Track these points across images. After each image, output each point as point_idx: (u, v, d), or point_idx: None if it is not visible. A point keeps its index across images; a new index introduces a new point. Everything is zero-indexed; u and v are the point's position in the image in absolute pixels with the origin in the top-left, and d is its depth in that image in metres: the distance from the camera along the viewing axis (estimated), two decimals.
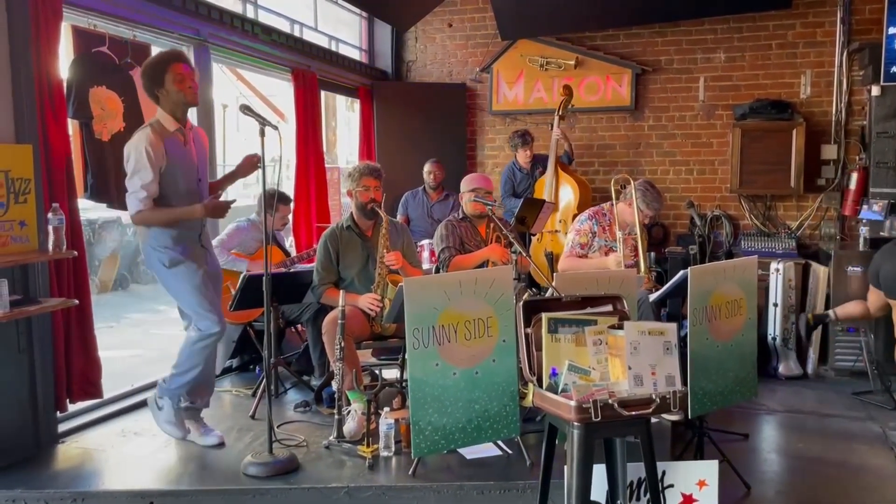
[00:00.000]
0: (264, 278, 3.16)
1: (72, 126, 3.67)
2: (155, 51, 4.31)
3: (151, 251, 3.37)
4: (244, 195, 8.91)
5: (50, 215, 3.16)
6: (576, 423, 2.45)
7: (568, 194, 6.09)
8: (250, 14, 5.32)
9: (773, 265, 5.39)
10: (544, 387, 2.64)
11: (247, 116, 3.07)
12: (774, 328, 5.35)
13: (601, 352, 2.68)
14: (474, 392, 3.11)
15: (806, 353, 5.47)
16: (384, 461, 3.29)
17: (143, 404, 3.87)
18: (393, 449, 3.33)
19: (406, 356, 4.05)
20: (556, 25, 6.61)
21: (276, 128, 3.08)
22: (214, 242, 4.43)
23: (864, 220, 5.64)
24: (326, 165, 6.23)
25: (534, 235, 5.93)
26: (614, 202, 4.36)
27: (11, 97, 3.29)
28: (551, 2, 6.32)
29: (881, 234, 5.50)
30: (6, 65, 3.28)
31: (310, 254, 4.71)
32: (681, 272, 3.59)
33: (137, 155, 3.22)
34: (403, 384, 4.04)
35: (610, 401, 2.42)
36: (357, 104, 6.92)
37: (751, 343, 3.75)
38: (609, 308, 2.81)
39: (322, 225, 5.74)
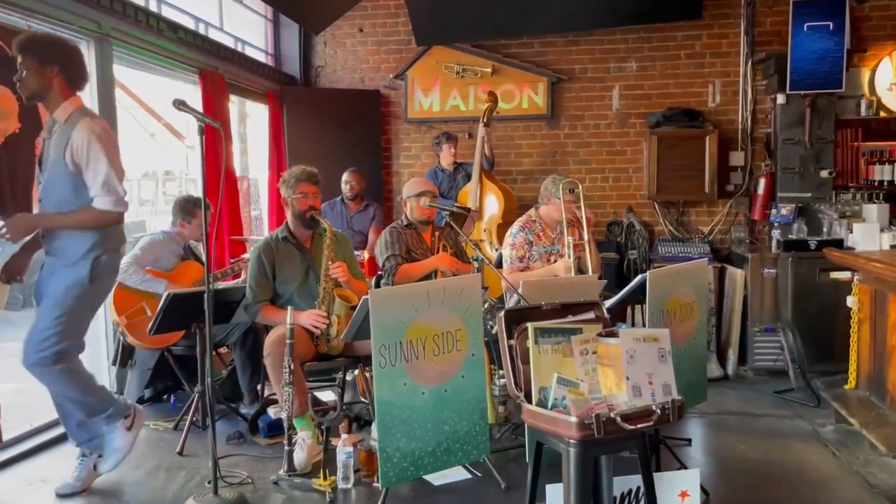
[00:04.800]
0: (205, 295, 2.80)
1: None
2: None
3: None
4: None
5: None
6: (576, 441, 2.28)
7: (493, 203, 5.97)
8: (153, 8, 4.86)
9: None
10: (534, 402, 2.46)
11: (182, 112, 2.71)
12: None
13: (589, 362, 2.53)
14: (443, 412, 2.89)
15: (725, 355, 5.60)
16: (344, 494, 2.99)
17: (47, 446, 3.37)
18: (352, 479, 3.04)
19: (345, 378, 3.79)
20: (472, 32, 6.51)
21: (217, 125, 2.74)
22: (127, 258, 3.97)
23: (776, 224, 5.85)
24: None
25: None
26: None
27: None
28: (467, 9, 6.24)
29: (790, 236, 5.73)
30: None
31: (234, 269, 4.31)
32: (639, 276, 3.52)
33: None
34: (345, 407, 3.77)
35: (612, 415, 2.27)
36: (251, 110, 6.51)
37: (702, 346, 3.75)
38: (591, 315, 2.68)
39: (236, 238, 5.34)
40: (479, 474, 3.12)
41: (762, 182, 6.16)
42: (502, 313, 2.56)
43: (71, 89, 3.02)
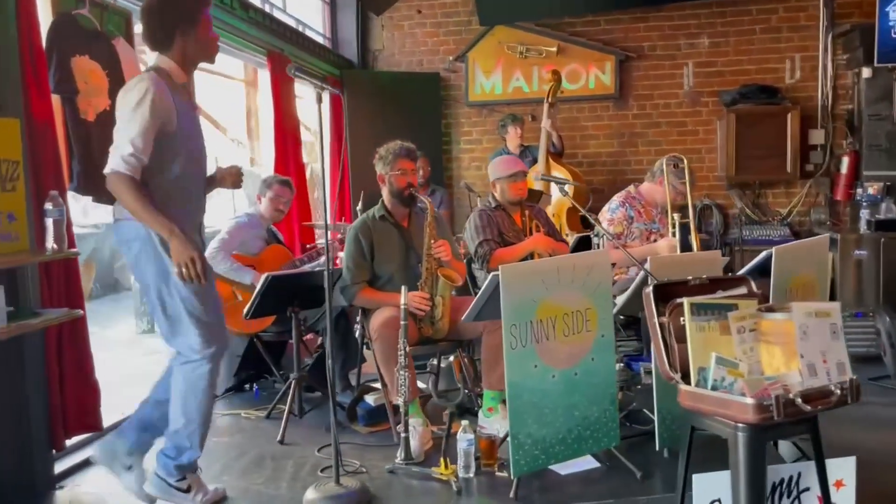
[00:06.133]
0: (325, 272, 2.64)
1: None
2: (137, 23, 3.67)
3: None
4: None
5: (48, 206, 2.53)
6: (747, 425, 2.09)
7: None
8: None
9: None
10: (693, 384, 2.27)
11: (299, 78, 2.56)
12: None
13: (746, 340, 2.33)
14: (573, 396, 2.71)
15: None
16: (466, 483, 2.82)
17: None
18: (472, 468, 2.86)
19: (439, 364, 3.63)
20: (537, 10, 6.31)
21: (337, 92, 2.58)
22: (215, 243, 3.83)
23: (863, 204, 5.59)
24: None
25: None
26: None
27: None
28: None
29: (877, 216, 5.48)
30: None
31: (320, 252, 4.15)
32: (764, 252, 3.31)
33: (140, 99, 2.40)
34: (444, 395, 3.60)
35: (791, 396, 2.08)
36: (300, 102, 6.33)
37: None
38: (743, 290, 2.48)
39: (307, 224, 5.19)
40: (608, 463, 2.92)
41: (845, 160, 5.90)
42: (650, 289, 2.38)
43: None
